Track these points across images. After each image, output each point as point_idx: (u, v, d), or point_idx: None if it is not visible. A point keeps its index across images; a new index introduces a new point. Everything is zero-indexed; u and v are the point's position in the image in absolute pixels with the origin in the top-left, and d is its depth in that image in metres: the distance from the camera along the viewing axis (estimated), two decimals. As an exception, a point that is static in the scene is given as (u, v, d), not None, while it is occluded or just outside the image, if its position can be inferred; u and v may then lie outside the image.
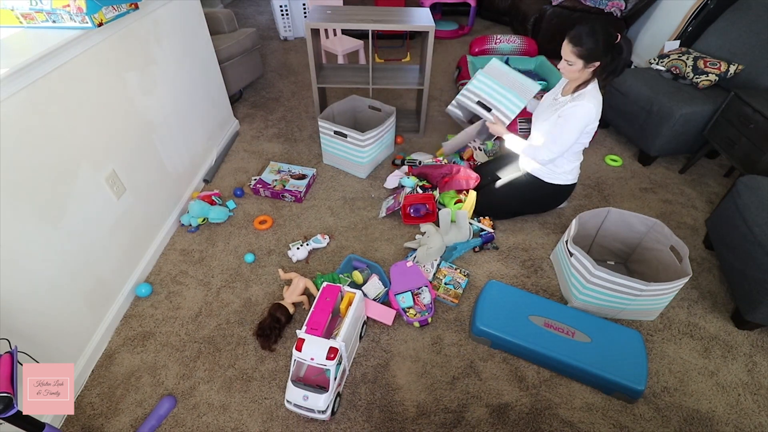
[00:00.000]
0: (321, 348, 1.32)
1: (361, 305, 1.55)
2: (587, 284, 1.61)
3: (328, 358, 1.30)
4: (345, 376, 1.50)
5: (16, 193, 1.21)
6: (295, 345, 1.33)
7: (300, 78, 3.50)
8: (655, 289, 1.54)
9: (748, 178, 1.80)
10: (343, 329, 1.39)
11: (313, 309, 1.44)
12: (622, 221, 1.83)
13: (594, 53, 1.59)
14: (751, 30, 2.39)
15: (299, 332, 1.37)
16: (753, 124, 2.04)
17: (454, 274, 1.85)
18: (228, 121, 2.71)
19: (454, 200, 2.10)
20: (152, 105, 1.86)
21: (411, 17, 2.38)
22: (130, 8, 1.58)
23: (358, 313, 1.51)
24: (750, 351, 1.63)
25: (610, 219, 1.84)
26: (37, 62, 1.23)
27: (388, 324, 1.66)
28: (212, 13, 2.90)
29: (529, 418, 1.42)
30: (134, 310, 1.72)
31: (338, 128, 2.26)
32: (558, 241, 2.03)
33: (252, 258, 1.92)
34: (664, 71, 2.60)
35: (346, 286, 1.63)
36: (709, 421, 1.43)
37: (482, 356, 1.59)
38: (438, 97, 3.29)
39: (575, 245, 1.70)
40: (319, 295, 1.49)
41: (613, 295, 1.60)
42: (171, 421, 1.39)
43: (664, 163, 2.61)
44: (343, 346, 1.36)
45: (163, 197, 2.00)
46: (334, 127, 2.28)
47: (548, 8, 3.65)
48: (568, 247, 1.70)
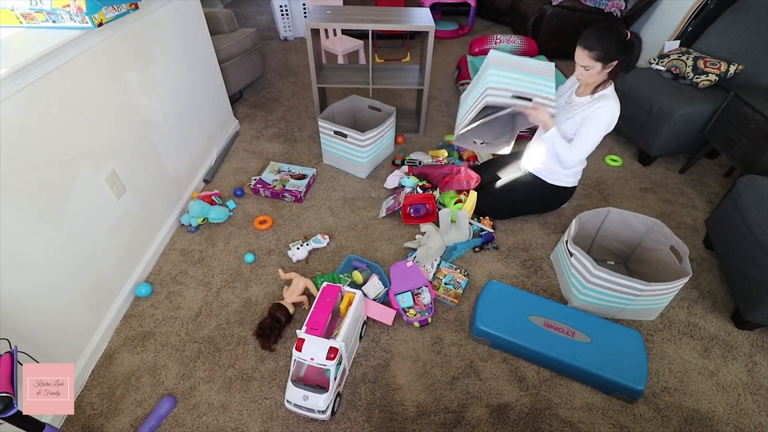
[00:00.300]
0: (321, 348, 1.32)
1: (361, 305, 1.55)
2: (587, 284, 1.61)
3: (328, 358, 1.30)
4: (345, 376, 1.50)
5: (16, 193, 1.21)
6: (295, 345, 1.33)
7: (300, 78, 3.50)
8: (655, 289, 1.54)
9: (748, 178, 1.80)
10: (343, 329, 1.39)
11: (313, 309, 1.44)
12: (622, 221, 1.83)
13: (610, 54, 1.60)
14: (751, 30, 2.39)
15: (299, 332, 1.37)
16: (753, 124, 2.04)
17: (454, 274, 1.85)
18: (228, 121, 2.71)
19: (454, 200, 2.10)
20: (152, 105, 1.86)
21: (411, 17, 2.38)
22: (130, 8, 1.58)
23: (358, 313, 1.51)
24: (750, 351, 1.63)
25: (610, 219, 1.84)
26: (37, 62, 1.23)
27: (388, 324, 1.66)
28: (212, 13, 2.89)
29: (529, 418, 1.42)
30: (134, 310, 1.72)
31: (338, 128, 2.26)
32: (558, 241, 2.03)
33: (252, 258, 1.92)
34: (664, 71, 2.60)
35: (346, 286, 1.63)
36: (709, 421, 1.43)
37: (482, 356, 1.59)
38: (438, 97, 3.29)
39: (575, 245, 1.70)
40: (319, 295, 1.49)
41: (613, 295, 1.60)
42: (171, 421, 1.39)
43: (664, 163, 2.61)
44: (343, 346, 1.36)
45: (163, 197, 2.00)
46: (334, 127, 2.28)
47: (548, 8, 3.65)
48: (568, 247, 1.70)
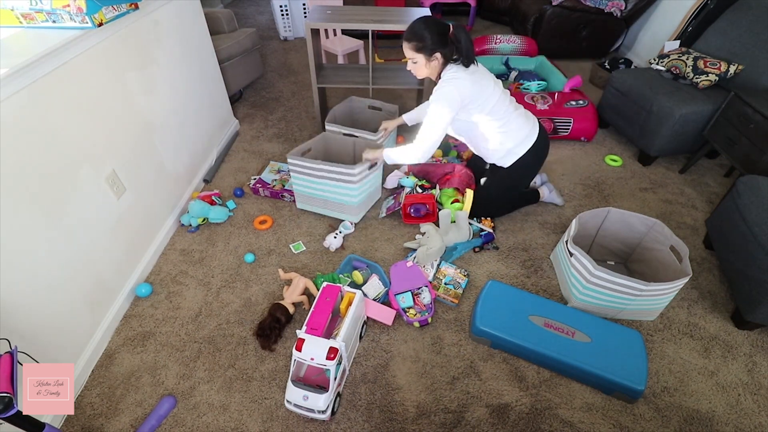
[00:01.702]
0: (321, 348, 1.32)
1: (361, 305, 1.55)
2: (587, 284, 1.61)
3: (328, 358, 1.30)
4: (345, 376, 1.49)
5: (16, 194, 1.21)
6: (295, 345, 1.33)
7: (300, 78, 3.50)
8: (654, 289, 1.54)
9: (748, 178, 1.80)
10: (343, 329, 1.39)
11: (313, 309, 1.44)
12: (622, 221, 1.83)
13: (428, 45, 1.66)
14: (751, 30, 2.39)
15: (299, 332, 1.37)
16: (753, 124, 2.04)
17: (454, 273, 1.85)
18: (228, 121, 2.71)
19: (451, 200, 2.10)
20: (152, 105, 1.86)
21: (411, 17, 2.38)
22: (130, 8, 1.58)
23: (358, 313, 1.51)
24: (750, 351, 1.63)
25: (609, 219, 1.84)
26: (37, 62, 1.23)
27: (389, 324, 1.66)
28: (212, 13, 2.90)
29: (529, 418, 1.42)
30: (134, 310, 1.72)
31: (349, 130, 2.22)
32: (558, 241, 2.03)
33: (252, 258, 1.92)
34: (664, 71, 2.60)
35: (346, 286, 1.63)
36: (709, 421, 1.43)
37: (482, 356, 1.59)
38: (438, 97, 3.28)
39: (575, 245, 1.70)
40: (319, 295, 1.49)
41: (613, 295, 1.60)
42: (171, 421, 1.39)
43: (664, 163, 2.61)
44: (343, 346, 1.36)
45: (163, 197, 2.00)
46: (343, 129, 2.21)
47: (548, 8, 3.65)
48: (568, 247, 1.70)
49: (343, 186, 1.95)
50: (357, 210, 2.06)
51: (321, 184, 1.99)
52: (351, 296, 1.51)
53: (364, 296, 1.64)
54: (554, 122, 2.65)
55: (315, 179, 1.98)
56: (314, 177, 1.97)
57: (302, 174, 1.99)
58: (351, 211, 2.06)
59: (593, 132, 2.70)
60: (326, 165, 1.90)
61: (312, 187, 2.03)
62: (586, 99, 2.76)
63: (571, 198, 2.32)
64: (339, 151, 2.26)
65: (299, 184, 2.05)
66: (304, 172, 1.98)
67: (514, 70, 3.37)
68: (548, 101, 2.72)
